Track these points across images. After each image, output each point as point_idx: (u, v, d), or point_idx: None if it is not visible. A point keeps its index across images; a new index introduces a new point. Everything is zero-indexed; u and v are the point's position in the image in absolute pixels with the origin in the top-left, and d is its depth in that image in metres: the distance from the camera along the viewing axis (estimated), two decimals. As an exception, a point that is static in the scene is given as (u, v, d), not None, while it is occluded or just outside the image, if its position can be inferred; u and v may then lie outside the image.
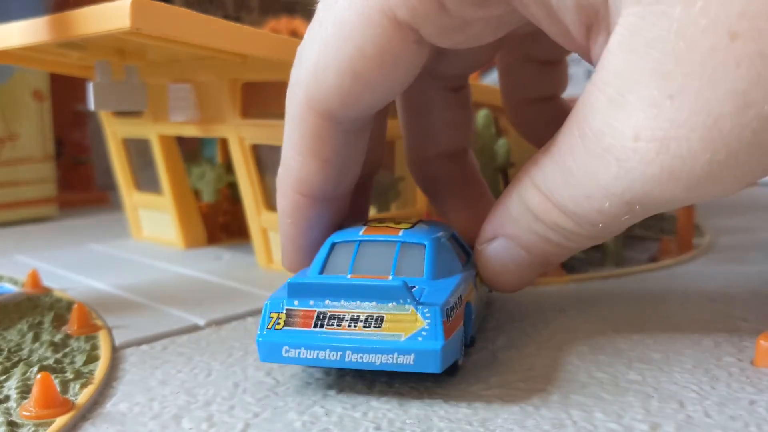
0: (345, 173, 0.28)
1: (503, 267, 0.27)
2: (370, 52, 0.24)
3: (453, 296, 0.25)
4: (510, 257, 0.27)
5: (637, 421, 0.22)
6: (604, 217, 0.23)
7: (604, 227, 0.24)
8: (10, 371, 0.26)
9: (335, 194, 0.28)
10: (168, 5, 0.32)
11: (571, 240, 0.25)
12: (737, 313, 0.32)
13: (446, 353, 0.23)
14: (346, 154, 0.27)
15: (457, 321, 0.24)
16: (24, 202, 0.64)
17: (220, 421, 0.22)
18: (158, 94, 0.47)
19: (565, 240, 0.25)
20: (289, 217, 0.29)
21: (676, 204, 0.22)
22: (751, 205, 0.67)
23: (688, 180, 0.20)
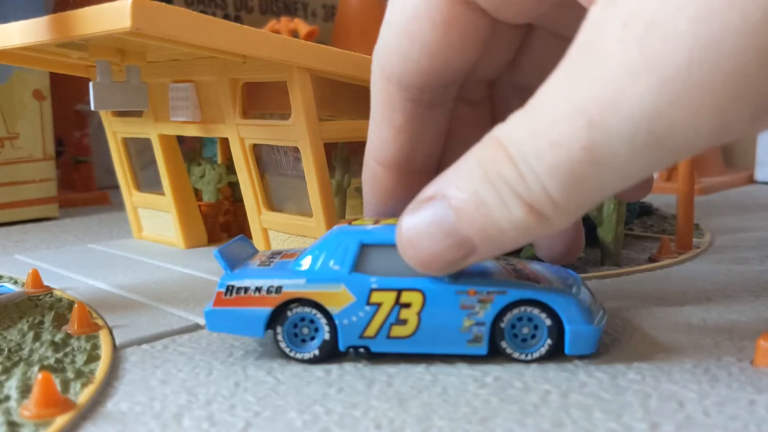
0: (418, 147, 0.28)
1: (426, 229, 0.23)
2: (422, 11, 0.25)
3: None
4: (437, 220, 0.23)
5: (637, 420, 0.22)
6: (556, 153, 0.20)
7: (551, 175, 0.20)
8: (11, 371, 0.26)
9: (409, 167, 0.28)
10: (168, 5, 0.32)
11: (507, 209, 0.21)
12: (737, 313, 0.32)
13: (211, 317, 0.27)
14: (417, 126, 0.28)
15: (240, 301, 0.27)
16: (24, 201, 0.64)
17: (220, 420, 0.23)
18: (159, 94, 0.47)
19: (499, 207, 0.21)
20: (366, 184, 0.30)
21: (639, 127, 0.19)
22: (751, 205, 0.67)
23: (663, 72, 0.18)
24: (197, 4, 0.95)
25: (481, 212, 0.22)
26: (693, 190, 0.45)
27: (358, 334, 0.27)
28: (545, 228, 0.21)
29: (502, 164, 0.21)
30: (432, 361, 0.27)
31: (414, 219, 0.23)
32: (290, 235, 0.42)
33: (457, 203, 0.22)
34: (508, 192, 0.21)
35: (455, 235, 0.22)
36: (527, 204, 0.21)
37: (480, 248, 0.23)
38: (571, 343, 0.26)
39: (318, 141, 0.38)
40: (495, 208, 0.21)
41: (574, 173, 0.20)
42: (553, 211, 0.21)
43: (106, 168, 0.85)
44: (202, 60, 0.43)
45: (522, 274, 0.28)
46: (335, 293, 0.26)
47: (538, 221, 0.21)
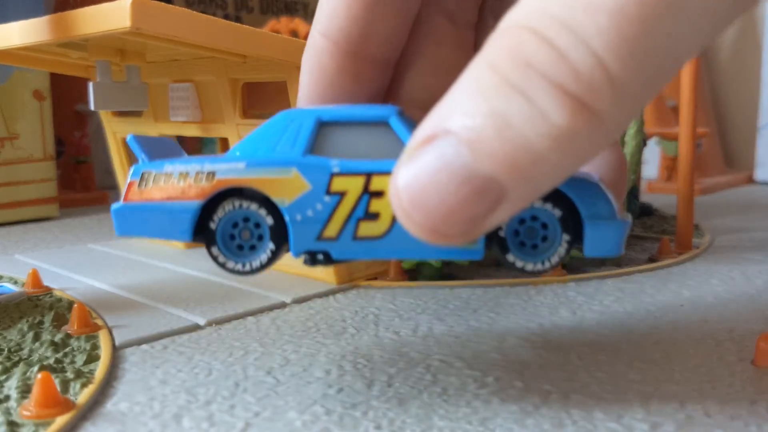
0: (374, 24, 0.23)
1: (432, 179, 0.16)
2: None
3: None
4: (445, 163, 0.16)
5: (637, 420, 0.22)
6: (617, 3, 0.14)
7: (609, 35, 0.14)
8: (11, 371, 0.26)
9: (361, 49, 0.23)
10: (168, 5, 0.32)
11: (543, 116, 0.15)
12: (737, 312, 0.32)
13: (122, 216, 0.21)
14: (377, 2, 0.22)
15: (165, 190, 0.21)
16: (24, 201, 0.64)
17: (220, 420, 0.22)
18: (159, 94, 0.47)
19: (531, 118, 0.15)
20: (305, 62, 0.24)
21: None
22: (750, 205, 0.67)
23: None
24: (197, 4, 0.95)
25: (505, 135, 0.15)
26: (693, 190, 0.45)
27: (316, 234, 0.21)
28: (597, 134, 0.15)
29: (532, 51, 0.15)
30: (432, 361, 0.27)
31: (413, 169, 0.17)
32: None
33: (468, 134, 0.16)
34: (544, 87, 0.15)
35: (474, 178, 0.16)
36: (572, 97, 0.15)
37: (511, 189, 0.16)
38: (591, 240, 0.20)
39: (318, 141, 0.38)
40: (525, 121, 0.15)
41: (645, 17, 0.14)
42: (610, 96, 0.15)
43: (106, 168, 0.85)
44: (202, 60, 0.43)
45: None
46: (285, 179, 0.21)
47: (590, 123, 0.15)
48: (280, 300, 0.35)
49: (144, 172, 0.22)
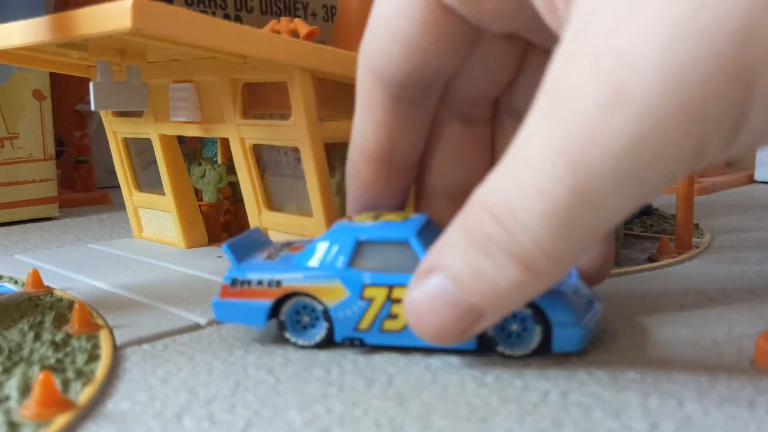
0: (398, 141, 0.29)
1: (430, 303, 0.23)
2: (401, 9, 0.26)
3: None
4: (440, 292, 0.23)
5: (636, 419, 0.22)
6: (543, 201, 0.20)
7: (541, 226, 0.20)
8: (11, 371, 0.26)
9: (390, 159, 0.29)
10: (168, 5, 0.32)
11: (502, 272, 0.21)
12: (736, 312, 0.33)
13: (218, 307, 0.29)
14: (397, 122, 0.28)
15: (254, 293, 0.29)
16: (25, 201, 0.64)
17: (221, 419, 0.23)
18: (159, 94, 0.48)
19: (495, 271, 0.21)
20: (349, 175, 0.30)
21: (620, 161, 0.18)
22: (751, 205, 0.67)
23: (638, 103, 0.18)
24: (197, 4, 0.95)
25: (479, 280, 0.22)
26: (693, 190, 0.46)
27: (353, 326, 0.28)
28: (543, 282, 0.21)
29: (489, 227, 0.21)
30: (432, 361, 0.27)
31: (417, 293, 0.23)
32: (290, 235, 0.42)
33: (454, 273, 0.22)
34: (500, 254, 0.21)
35: (460, 305, 0.22)
36: (521, 263, 0.21)
37: (487, 312, 0.22)
38: (557, 341, 0.26)
39: (318, 141, 0.38)
40: (492, 273, 0.21)
41: (564, 219, 0.20)
42: (546, 263, 0.21)
43: (106, 168, 0.85)
44: (203, 60, 0.43)
45: None
46: (330, 288, 0.28)
47: (535, 277, 0.21)
48: (281, 300, 0.35)
49: (233, 277, 0.29)
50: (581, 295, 0.28)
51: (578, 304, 0.27)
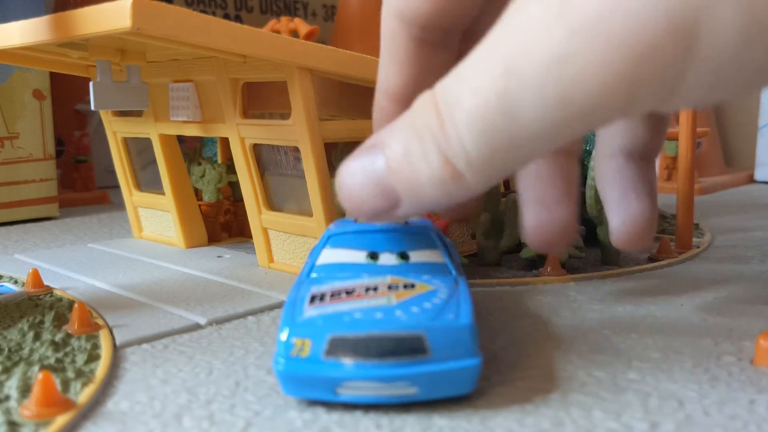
0: (421, 82, 0.28)
1: (359, 174, 0.23)
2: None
3: None
4: (371, 167, 0.23)
5: (637, 420, 0.22)
6: (474, 99, 0.20)
7: (466, 123, 0.20)
8: (11, 370, 0.26)
9: (409, 98, 0.28)
10: (168, 5, 0.32)
11: (427, 161, 0.21)
12: (737, 312, 0.32)
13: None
14: (419, 63, 0.28)
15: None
16: (25, 201, 0.64)
17: (221, 419, 0.23)
18: (159, 94, 0.48)
19: (421, 159, 0.21)
20: (375, 114, 0.30)
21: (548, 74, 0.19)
22: (751, 205, 0.67)
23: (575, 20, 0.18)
24: (197, 4, 0.95)
25: (407, 164, 0.22)
26: (693, 190, 0.46)
27: None
28: (460, 187, 0.21)
29: (429, 115, 0.21)
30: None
31: (351, 163, 0.24)
32: (290, 235, 0.42)
33: (389, 153, 0.22)
34: (430, 142, 0.21)
35: (382, 185, 0.23)
36: (444, 156, 0.21)
37: (404, 201, 0.23)
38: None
39: (318, 141, 0.38)
40: (418, 160, 0.22)
41: (486, 123, 0.20)
42: (465, 165, 0.21)
43: (106, 168, 0.85)
44: (203, 60, 0.43)
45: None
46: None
47: (453, 177, 0.21)
48: (281, 299, 0.35)
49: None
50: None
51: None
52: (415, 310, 0.24)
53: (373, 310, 0.24)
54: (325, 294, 0.25)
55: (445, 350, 0.23)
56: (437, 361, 0.22)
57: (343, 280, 0.27)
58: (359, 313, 0.23)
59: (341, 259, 0.28)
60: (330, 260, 0.28)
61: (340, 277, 0.27)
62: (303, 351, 0.23)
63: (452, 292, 0.26)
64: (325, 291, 0.26)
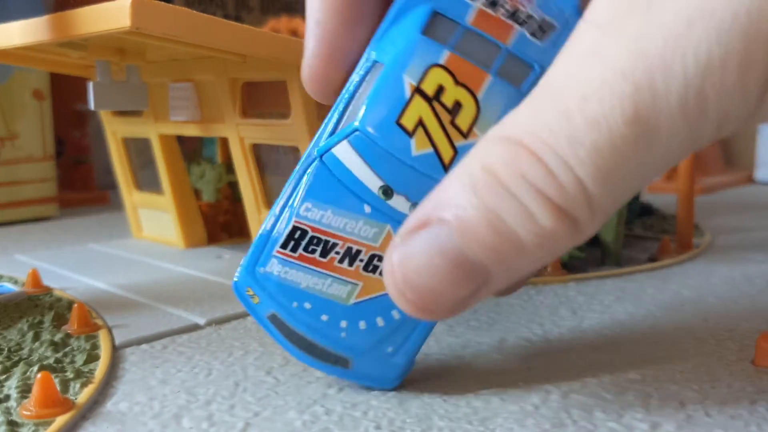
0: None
1: (426, 260, 0.18)
2: None
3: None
4: (438, 244, 0.18)
5: (637, 420, 0.22)
6: (595, 131, 0.16)
7: (588, 162, 0.17)
8: (11, 371, 0.26)
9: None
10: (168, 5, 0.32)
11: (531, 219, 0.17)
12: (737, 312, 0.32)
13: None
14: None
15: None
16: (24, 201, 0.64)
17: (220, 420, 0.22)
18: (159, 94, 0.47)
19: (520, 219, 0.17)
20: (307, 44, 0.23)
21: (690, 86, 0.16)
22: (751, 205, 0.67)
23: (721, 17, 0.15)
24: (197, 4, 0.95)
25: (494, 229, 0.17)
26: (693, 190, 0.45)
27: None
28: (574, 238, 0.18)
29: (526, 164, 0.17)
30: (432, 361, 0.27)
31: (407, 250, 0.18)
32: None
33: (460, 224, 0.18)
34: (534, 197, 0.17)
35: (466, 263, 0.18)
36: (557, 208, 0.17)
37: (495, 275, 0.18)
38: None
39: (318, 141, 0.38)
40: (514, 220, 0.17)
41: (617, 154, 0.16)
42: (587, 211, 0.17)
43: (106, 168, 0.85)
44: (202, 60, 0.43)
45: None
46: None
47: (569, 229, 0.17)
48: (280, 300, 0.35)
49: None
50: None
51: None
52: (362, 326, 0.23)
53: (324, 306, 0.23)
54: (305, 234, 0.23)
55: (369, 374, 0.24)
56: (357, 375, 0.24)
57: (336, 215, 0.23)
58: (310, 303, 0.23)
59: (355, 172, 0.22)
60: (346, 162, 0.22)
61: (337, 207, 0.23)
62: (254, 299, 0.23)
63: None
64: (308, 227, 0.23)
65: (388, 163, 0.22)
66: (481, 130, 0.22)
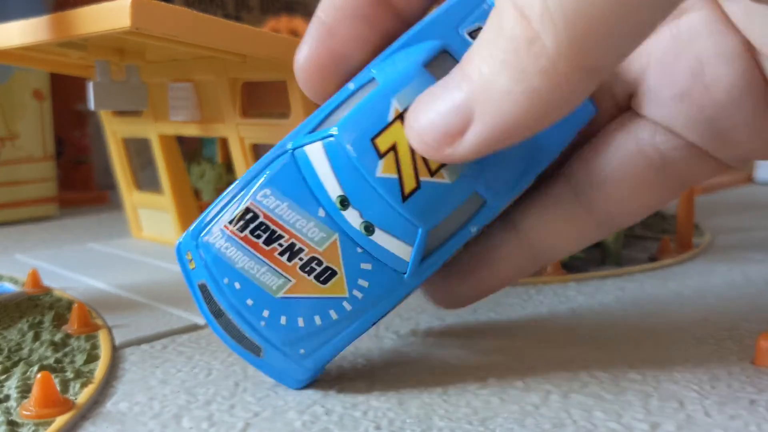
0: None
1: (432, 93, 0.20)
2: None
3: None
4: (444, 88, 0.19)
5: (637, 420, 0.22)
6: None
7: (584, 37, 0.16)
8: (11, 371, 0.26)
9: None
10: (168, 5, 0.32)
11: (501, 31, 0.17)
12: (737, 312, 0.32)
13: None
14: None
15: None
16: (24, 201, 0.64)
17: (220, 420, 0.22)
18: (158, 94, 0.47)
19: (494, 35, 0.17)
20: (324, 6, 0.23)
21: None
22: (751, 205, 0.67)
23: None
24: (197, 4, 0.95)
25: (479, 50, 0.18)
26: (693, 189, 0.45)
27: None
28: (539, 59, 0.16)
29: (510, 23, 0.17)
30: (433, 361, 0.27)
31: (430, 89, 0.20)
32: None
33: (469, 69, 0.19)
34: (507, 7, 0.17)
35: (456, 102, 0.19)
36: (517, 9, 0.16)
37: (476, 112, 0.18)
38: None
39: (318, 141, 0.38)
40: (491, 33, 0.17)
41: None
42: (540, 12, 0.16)
43: (106, 168, 0.85)
44: (202, 59, 0.43)
45: None
46: None
47: (529, 39, 0.16)
48: (280, 300, 0.35)
49: None
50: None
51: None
52: (282, 321, 0.23)
53: (253, 291, 0.23)
54: (256, 217, 0.23)
55: (277, 369, 0.24)
56: (266, 366, 0.24)
57: (290, 210, 0.22)
58: (240, 284, 0.23)
59: (320, 175, 0.22)
60: (315, 163, 0.22)
61: (293, 203, 0.22)
62: (191, 263, 0.24)
63: (353, 313, 0.23)
64: (261, 213, 0.22)
65: (353, 176, 0.22)
66: (449, 173, 0.22)
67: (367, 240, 0.22)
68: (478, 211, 0.23)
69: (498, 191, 0.23)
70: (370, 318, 0.23)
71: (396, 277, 0.23)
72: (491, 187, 0.23)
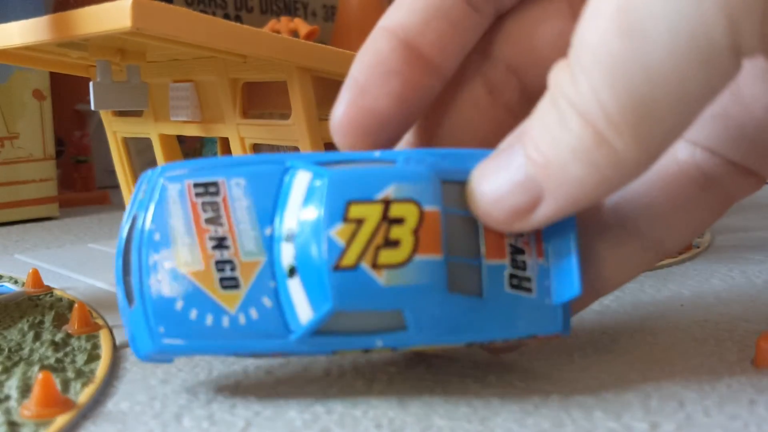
0: (448, 41, 0.23)
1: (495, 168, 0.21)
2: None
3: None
4: (507, 161, 0.20)
5: (637, 420, 0.22)
6: (594, 32, 0.17)
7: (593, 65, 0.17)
8: (11, 370, 0.26)
9: (429, 57, 0.23)
10: (168, 5, 0.32)
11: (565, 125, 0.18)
12: (737, 312, 0.32)
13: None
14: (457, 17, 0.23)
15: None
16: (24, 201, 0.64)
17: (221, 419, 0.23)
18: (159, 94, 0.47)
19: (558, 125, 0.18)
20: (359, 57, 0.23)
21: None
22: (751, 205, 0.67)
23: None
24: (197, 4, 0.95)
25: (546, 144, 0.19)
26: (693, 190, 0.45)
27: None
28: (609, 156, 0.18)
29: (561, 74, 0.18)
30: (432, 361, 0.27)
31: (484, 166, 0.21)
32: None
33: (529, 143, 0.19)
34: (565, 104, 0.18)
35: (522, 180, 0.20)
36: (580, 115, 0.18)
37: (546, 191, 0.19)
38: None
39: (318, 141, 0.38)
40: (556, 130, 0.18)
41: (613, 55, 0.16)
42: (606, 123, 0.17)
43: (107, 168, 0.85)
44: (202, 60, 0.43)
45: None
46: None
47: (597, 142, 0.17)
48: (281, 300, 0.35)
49: None
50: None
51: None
52: (164, 291, 0.22)
53: (163, 250, 0.22)
54: (215, 194, 0.23)
55: (133, 330, 0.23)
56: (129, 321, 0.23)
57: (247, 209, 0.22)
58: (159, 235, 0.22)
59: (290, 201, 0.22)
60: (295, 188, 0.22)
61: (253, 207, 0.22)
62: (142, 194, 0.23)
63: (227, 331, 0.22)
64: (223, 193, 0.22)
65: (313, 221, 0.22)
66: (388, 276, 0.21)
67: (284, 280, 0.22)
68: (393, 330, 0.22)
69: (423, 327, 0.22)
70: (239, 347, 0.22)
71: (284, 332, 0.22)
72: (420, 319, 0.22)
